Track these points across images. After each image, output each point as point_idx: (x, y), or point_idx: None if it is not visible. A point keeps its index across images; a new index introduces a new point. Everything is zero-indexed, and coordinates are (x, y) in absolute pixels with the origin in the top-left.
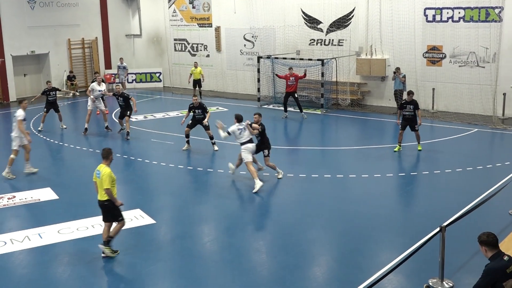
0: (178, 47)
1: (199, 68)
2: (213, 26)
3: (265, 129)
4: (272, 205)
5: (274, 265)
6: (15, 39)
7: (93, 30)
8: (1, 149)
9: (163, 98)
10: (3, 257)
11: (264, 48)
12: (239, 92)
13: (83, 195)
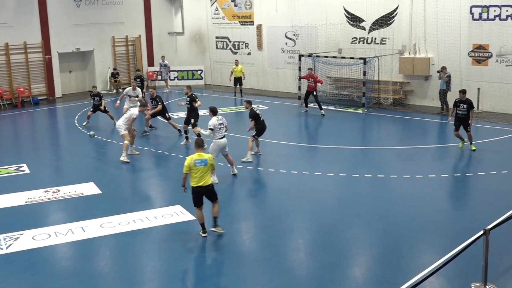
0: (220, 45)
1: (240, 66)
2: (254, 24)
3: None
4: (311, 203)
5: (313, 264)
6: (61, 36)
7: (137, 28)
8: (50, 141)
9: (204, 95)
10: (47, 250)
11: (305, 46)
12: (279, 90)
13: (125, 190)
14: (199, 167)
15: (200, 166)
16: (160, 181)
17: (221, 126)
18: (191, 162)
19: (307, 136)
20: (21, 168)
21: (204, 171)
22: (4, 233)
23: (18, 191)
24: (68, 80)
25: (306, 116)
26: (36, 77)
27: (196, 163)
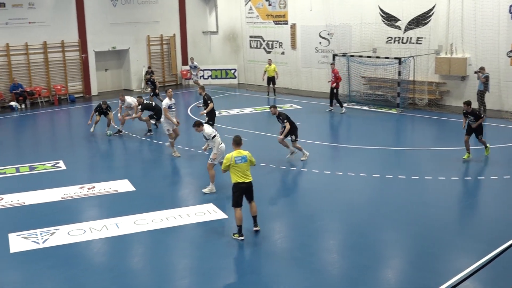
0: (254, 44)
1: (274, 65)
2: (288, 23)
3: (288, 116)
4: (344, 204)
5: (346, 265)
6: (98, 35)
7: (172, 27)
8: (86, 138)
9: (238, 94)
10: (82, 245)
11: (339, 46)
12: (313, 90)
13: (159, 188)
14: (240, 164)
15: (240, 163)
16: (193, 179)
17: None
18: (232, 160)
19: (340, 136)
20: (58, 164)
21: (245, 167)
22: (41, 228)
23: (54, 187)
24: (104, 78)
25: (339, 116)
26: (73, 75)
27: (237, 160)
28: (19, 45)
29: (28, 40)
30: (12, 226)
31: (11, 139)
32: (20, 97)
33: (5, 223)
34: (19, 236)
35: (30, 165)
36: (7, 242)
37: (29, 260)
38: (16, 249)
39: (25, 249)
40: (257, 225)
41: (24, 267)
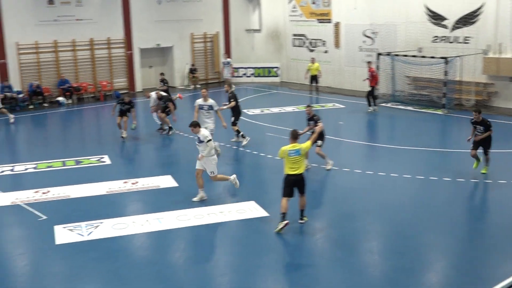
0: (297, 43)
1: (317, 64)
2: (332, 22)
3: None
4: (387, 205)
5: (387, 267)
6: (143, 32)
7: (215, 24)
8: (130, 134)
9: (280, 93)
10: (124, 239)
11: (384, 45)
12: (356, 89)
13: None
14: (293, 157)
15: (294, 156)
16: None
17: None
18: (285, 153)
19: (383, 137)
20: (103, 159)
21: (298, 160)
22: (86, 220)
23: (99, 181)
24: (148, 75)
25: (383, 116)
26: (118, 72)
27: (290, 153)
28: (66, 41)
29: (75, 37)
30: (58, 218)
31: (58, 133)
32: (67, 93)
33: (51, 216)
34: (65, 228)
35: (76, 159)
36: (53, 234)
37: (74, 252)
38: (61, 241)
39: (70, 241)
40: (303, 218)
41: (69, 259)
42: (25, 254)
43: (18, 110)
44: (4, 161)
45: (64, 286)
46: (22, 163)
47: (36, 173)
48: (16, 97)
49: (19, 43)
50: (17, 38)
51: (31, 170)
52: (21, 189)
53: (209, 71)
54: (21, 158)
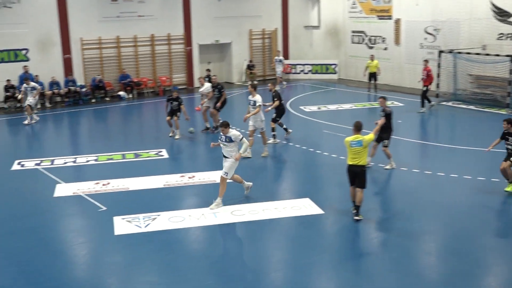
0: (356, 39)
1: (376, 61)
2: (393, 18)
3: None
4: (445, 206)
5: (445, 270)
6: (202, 28)
7: (274, 21)
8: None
9: (337, 90)
10: (181, 231)
11: (446, 42)
12: (416, 87)
13: (257, 180)
14: (354, 148)
15: (355, 147)
16: (290, 173)
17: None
18: (348, 143)
19: (443, 136)
20: (161, 153)
21: (360, 151)
22: (143, 212)
23: (157, 175)
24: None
25: (443, 115)
26: (177, 67)
27: (352, 144)
28: (128, 37)
29: (137, 33)
30: (117, 209)
31: (118, 127)
32: (128, 87)
33: (111, 207)
34: (123, 219)
35: (135, 153)
36: (112, 224)
37: (132, 243)
38: (120, 232)
39: (128, 232)
40: (358, 214)
41: (126, 249)
42: (85, 243)
43: (81, 104)
44: (67, 153)
45: (121, 276)
46: (84, 155)
47: (97, 165)
48: (79, 91)
49: (83, 38)
50: (81, 33)
51: (92, 162)
52: (83, 180)
53: (267, 67)
54: (83, 150)
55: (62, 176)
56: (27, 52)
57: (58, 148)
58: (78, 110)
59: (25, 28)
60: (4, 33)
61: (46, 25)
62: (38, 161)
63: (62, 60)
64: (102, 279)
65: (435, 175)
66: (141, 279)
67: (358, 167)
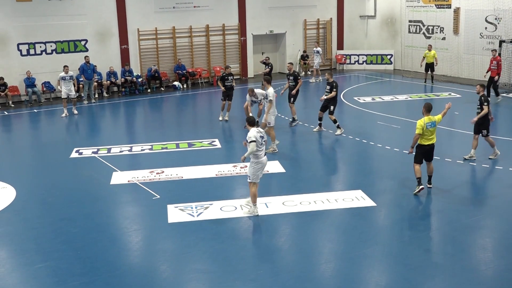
0: (412, 29)
1: (433, 51)
2: (452, 7)
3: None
4: (502, 200)
5: (501, 266)
6: (256, 19)
7: (329, 11)
8: (240, 119)
9: (393, 81)
10: (233, 221)
11: (508, 32)
12: (474, 78)
13: (308, 171)
14: (430, 129)
15: (430, 128)
16: (342, 165)
17: (262, 139)
18: (424, 125)
19: (503, 128)
20: (214, 142)
21: (433, 131)
22: (196, 201)
23: (210, 164)
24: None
25: (504, 107)
26: (231, 58)
27: (428, 125)
28: (184, 28)
29: (192, 23)
30: (171, 198)
31: (173, 116)
32: (183, 78)
33: (165, 195)
34: (177, 208)
35: (189, 142)
36: (166, 212)
37: (185, 231)
38: (173, 220)
39: (181, 220)
40: (431, 183)
41: (180, 237)
42: (139, 230)
43: (137, 93)
44: (123, 142)
45: (173, 263)
46: (139, 144)
47: (152, 154)
48: (136, 81)
49: (140, 29)
50: (138, 24)
51: (147, 151)
52: (138, 169)
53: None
54: (138, 139)
55: (118, 164)
56: (86, 43)
57: (114, 137)
58: (134, 100)
59: (85, 19)
60: (65, 24)
61: (105, 16)
62: (95, 150)
63: (119, 51)
64: (154, 266)
65: (493, 168)
66: (192, 267)
67: (432, 145)
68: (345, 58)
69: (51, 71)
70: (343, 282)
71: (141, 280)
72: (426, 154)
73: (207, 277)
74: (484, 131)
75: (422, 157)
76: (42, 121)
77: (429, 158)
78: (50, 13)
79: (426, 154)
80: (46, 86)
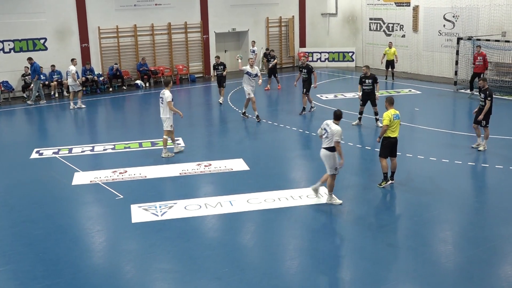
0: (373, 27)
1: (394, 48)
2: (411, 5)
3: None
4: (463, 194)
5: (462, 259)
6: (219, 17)
7: (291, 9)
8: (204, 117)
9: (354, 77)
10: (197, 220)
11: (465, 29)
12: (434, 75)
13: (272, 168)
14: (395, 121)
15: (395, 120)
16: (306, 161)
17: (326, 132)
18: (391, 116)
19: (460, 123)
20: (177, 141)
21: (398, 124)
22: (160, 201)
23: (173, 163)
24: (223, 59)
25: (461, 102)
26: (194, 56)
27: (394, 117)
28: (145, 26)
29: (154, 21)
30: (134, 197)
31: (135, 115)
32: (145, 76)
33: (128, 195)
34: (140, 207)
35: (152, 141)
36: (129, 212)
37: (149, 231)
38: (137, 220)
39: (145, 220)
40: (393, 178)
41: (144, 237)
42: (102, 231)
43: (98, 92)
44: (85, 142)
45: (137, 263)
46: (101, 143)
47: (114, 154)
48: (97, 80)
49: (101, 27)
50: (99, 22)
51: (109, 150)
52: (100, 169)
53: (284, 55)
54: (100, 139)
55: (80, 165)
56: (46, 41)
57: (76, 136)
58: (96, 99)
59: (43, 17)
60: (23, 22)
61: (64, 14)
62: (56, 150)
63: (80, 49)
64: (118, 266)
65: (452, 163)
66: (157, 266)
67: (396, 138)
68: (307, 55)
69: (9, 70)
70: (308, 278)
71: (105, 281)
72: (392, 148)
73: (172, 277)
74: (483, 121)
75: (388, 150)
76: (0, 122)
77: (394, 153)
78: (8, 11)
79: (391, 147)
80: (5, 85)
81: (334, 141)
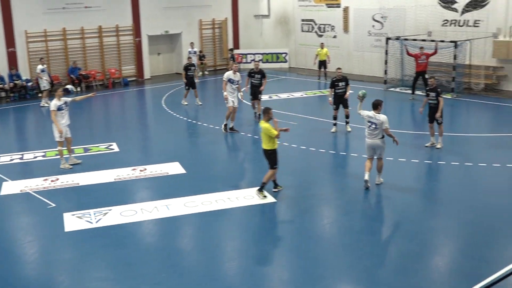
0: (305, 28)
1: (325, 49)
2: (341, 6)
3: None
4: (395, 191)
5: (395, 253)
6: (151, 19)
7: (223, 11)
8: (138, 121)
9: (288, 78)
10: (134, 225)
11: (393, 29)
12: (365, 74)
13: (209, 171)
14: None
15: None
16: (243, 163)
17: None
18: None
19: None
20: (111, 146)
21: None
22: (94, 208)
23: (107, 169)
24: (156, 62)
25: (392, 101)
26: (127, 59)
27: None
28: (75, 29)
29: (84, 25)
30: (67, 206)
31: None
32: (76, 80)
33: (60, 203)
34: (74, 215)
35: (85, 147)
36: (62, 221)
37: (83, 239)
38: (70, 228)
39: (79, 228)
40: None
41: (78, 246)
42: (34, 241)
43: (28, 98)
44: (14, 149)
45: (72, 273)
46: (31, 151)
47: (45, 161)
48: (25, 85)
49: (28, 31)
50: (25, 26)
51: (40, 158)
52: (30, 177)
53: (218, 57)
54: (30, 146)
55: (8, 174)
56: None
57: (3, 145)
58: (25, 105)
59: None
60: None
61: None
62: None
63: (5, 54)
64: (52, 277)
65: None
66: (93, 275)
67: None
68: (241, 57)
69: None
70: (247, 279)
71: None
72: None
73: (109, 285)
74: (440, 119)
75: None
76: None
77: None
78: None
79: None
80: None
81: (384, 128)
